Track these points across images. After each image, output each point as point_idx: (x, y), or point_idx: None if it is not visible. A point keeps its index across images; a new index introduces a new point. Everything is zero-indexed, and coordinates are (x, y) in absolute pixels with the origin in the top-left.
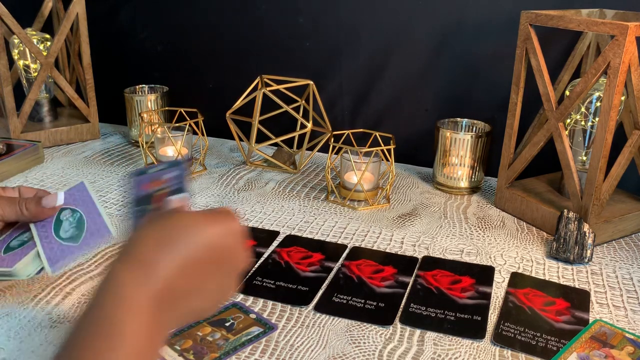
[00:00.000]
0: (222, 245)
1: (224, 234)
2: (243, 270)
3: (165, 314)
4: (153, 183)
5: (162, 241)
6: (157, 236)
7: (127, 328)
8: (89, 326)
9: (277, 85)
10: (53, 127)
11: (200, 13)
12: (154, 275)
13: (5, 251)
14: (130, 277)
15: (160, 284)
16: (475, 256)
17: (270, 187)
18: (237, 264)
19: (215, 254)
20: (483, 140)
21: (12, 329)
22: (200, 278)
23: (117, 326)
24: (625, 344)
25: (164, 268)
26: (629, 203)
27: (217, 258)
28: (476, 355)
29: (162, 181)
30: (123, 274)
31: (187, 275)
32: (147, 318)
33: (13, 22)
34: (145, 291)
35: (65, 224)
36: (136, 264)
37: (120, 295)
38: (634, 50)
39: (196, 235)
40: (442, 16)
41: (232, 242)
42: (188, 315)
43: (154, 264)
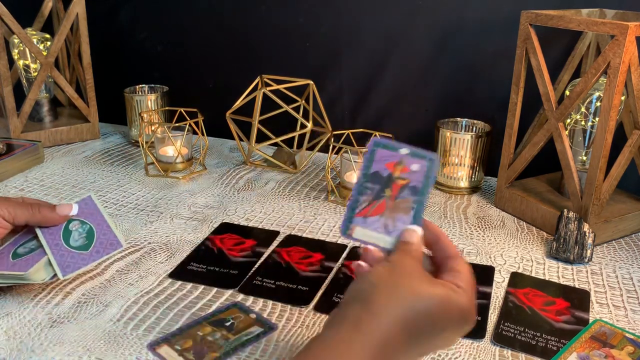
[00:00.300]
0: (450, 311)
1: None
2: (471, 327)
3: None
4: (398, 166)
5: (393, 299)
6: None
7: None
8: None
9: (277, 85)
10: (53, 127)
11: (201, 13)
12: (376, 331)
13: (13, 257)
14: (351, 333)
15: (381, 338)
16: (475, 256)
17: (270, 187)
18: (465, 325)
19: (440, 318)
20: (483, 140)
21: (12, 329)
22: (421, 337)
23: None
24: (625, 344)
25: (387, 324)
26: (629, 203)
27: (442, 321)
28: (476, 355)
29: (406, 169)
30: (344, 331)
31: (410, 334)
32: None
33: (13, 22)
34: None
35: (74, 233)
36: (359, 322)
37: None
38: (634, 50)
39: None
40: (442, 16)
41: (461, 311)
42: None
43: (377, 322)
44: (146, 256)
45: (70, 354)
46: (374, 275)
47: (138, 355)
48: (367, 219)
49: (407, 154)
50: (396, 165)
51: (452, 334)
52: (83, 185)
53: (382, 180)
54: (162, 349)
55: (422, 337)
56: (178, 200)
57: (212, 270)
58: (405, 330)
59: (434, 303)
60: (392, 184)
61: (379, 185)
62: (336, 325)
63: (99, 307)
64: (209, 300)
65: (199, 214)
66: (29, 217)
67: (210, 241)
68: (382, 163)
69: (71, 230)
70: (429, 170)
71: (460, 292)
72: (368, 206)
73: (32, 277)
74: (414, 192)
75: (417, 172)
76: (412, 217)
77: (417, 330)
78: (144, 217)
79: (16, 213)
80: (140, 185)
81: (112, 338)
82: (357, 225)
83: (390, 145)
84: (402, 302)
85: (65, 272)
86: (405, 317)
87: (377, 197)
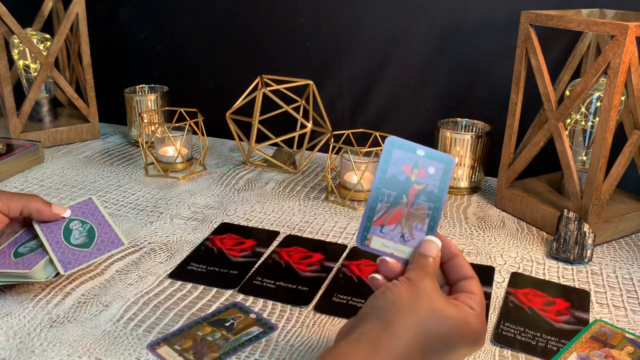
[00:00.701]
0: (465, 334)
1: (469, 327)
2: (481, 347)
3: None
4: (415, 169)
5: (414, 324)
6: (410, 322)
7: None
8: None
9: (277, 85)
10: (53, 127)
11: (201, 13)
12: (394, 355)
13: (15, 256)
14: (369, 352)
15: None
16: (476, 256)
17: (270, 187)
18: (476, 346)
19: (455, 340)
20: (483, 140)
21: (12, 329)
22: (436, 358)
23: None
24: (625, 344)
25: (405, 349)
26: (629, 203)
27: (457, 342)
28: (476, 355)
29: (423, 172)
30: (362, 349)
31: (426, 357)
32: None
33: (13, 22)
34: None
35: (75, 232)
36: (378, 343)
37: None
38: (634, 50)
39: (443, 324)
40: (442, 16)
41: (475, 333)
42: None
43: (397, 346)
44: (146, 256)
45: (70, 354)
46: (395, 295)
47: (138, 356)
48: (384, 227)
49: (424, 155)
50: (413, 169)
51: (463, 353)
52: (83, 185)
53: (399, 186)
54: (162, 349)
55: (436, 356)
56: (178, 201)
57: (212, 270)
58: (421, 351)
59: (449, 325)
60: (409, 189)
61: (396, 191)
62: (353, 341)
63: (99, 307)
64: (209, 300)
65: (199, 214)
66: (23, 206)
67: (210, 241)
68: (398, 166)
69: (72, 229)
70: (445, 174)
71: (473, 314)
72: (385, 214)
73: (35, 276)
74: (430, 197)
75: (433, 175)
76: (427, 225)
77: (431, 351)
78: (144, 217)
79: (10, 203)
80: (140, 185)
81: (112, 338)
82: (374, 235)
83: (406, 146)
84: (421, 323)
85: (66, 268)
86: (422, 338)
87: (394, 205)
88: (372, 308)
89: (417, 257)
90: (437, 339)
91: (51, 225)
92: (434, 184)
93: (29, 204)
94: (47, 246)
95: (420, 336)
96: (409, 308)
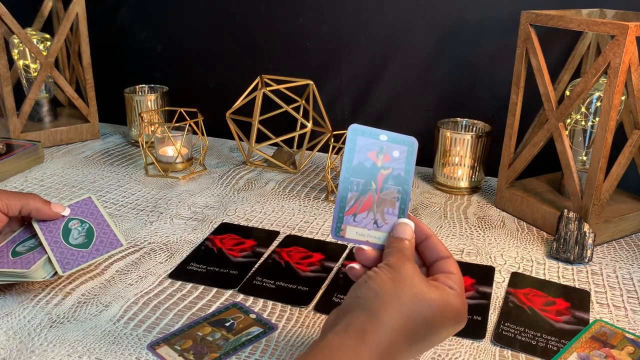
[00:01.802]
0: (447, 315)
1: (451, 308)
2: (463, 326)
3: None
4: (380, 155)
5: (398, 312)
6: (394, 310)
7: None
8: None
9: (277, 85)
10: (53, 127)
11: (200, 13)
12: (380, 344)
13: (13, 255)
14: (355, 342)
15: (384, 350)
16: (476, 256)
17: (270, 187)
18: (458, 325)
19: (439, 322)
20: (483, 140)
21: (12, 329)
22: (421, 341)
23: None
24: (625, 344)
25: (391, 337)
26: (629, 203)
27: (440, 324)
28: (476, 355)
29: (388, 157)
30: (348, 339)
31: (412, 342)
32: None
33: (13, 22)
34: None
35: (74, 232)
36: (364, 333)
37: None
38: (634, 50)
39: (426, 307)
40: (442, 16)
41: (457, 313)
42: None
43: (383, 334)
44: (146, 256)
45: (70, 354)
46: (377, 283)
47: (138, 356)
48: (357, 216)
49: (387, 140)
50: (378, 155)
51: (447, 333)
52: (83, 185)
53: (366, 173)
54: (162, 349)
55: (421, 340)
56: (178, 201)
57: (212, 270)
58: (407, 336)
59: (432, 307)
60: (377, 175)
61: (364, 179)
62: (340, 332)
63: (99, 307)
64: (209, 300)
65: (199, 214)
66: (22, 205)
67: (210, 241)
68: (364, 153)
69: (70, 228)
70: (409, 156)
71: (454, 294)
72: (356, 203)
73: (33, 275)
74: (397, 181)
75: (398, 159)
76: (399, 208)
77: (416, 334)
78: (144, 217)
79: (9, 202)
80: (140, 185)
81: (112, 338)
82: (348, 225)
83: (368, 132)
84: (405, 309)
85: (65, 269)
86: (407, 324)
87: (364, 192)
88: (356, 298)
89: (392, 241)
90: (421, 322)
91: (50, 224)
92: (399, 167)
93: (28, 202)
94: (45, 246)
95: (405, 322)
96: (392, 295)
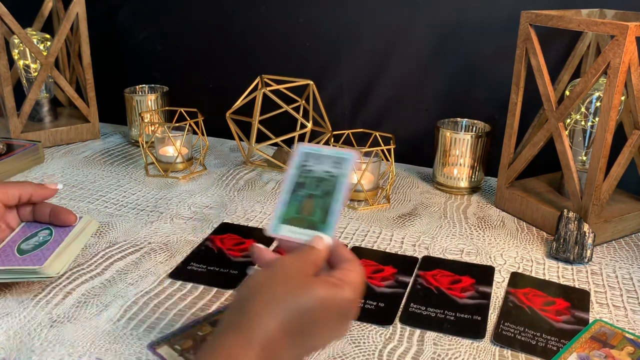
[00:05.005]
0: (330, 308)
1: (335, 300)
2: (353, 319)
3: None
4: None
5: (269, 303)
6: (264, 301)
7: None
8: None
9: (277, 85)
10: (53, 127)
11: (201, 13)
12: (256, 337)
13: (20, 253)
14: (234, 340)
15: (262, 342)
16: (475, 256)
17: (270, 187)
18: (347, 318)
19: (321, 315)
20: (483, 140)
21: (12, 329)
22: (305, 335)
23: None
24: (625, 344)
25: (265, 329)
26: (629, 203)
27: (324, 317)
28: (476, 355)
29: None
30: (228, 338)
31: (292, 334)
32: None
33: (13, 22)
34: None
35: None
36: (238, 329)
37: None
38: (634, 50)
39: (303, 299)
40: (442, 16)
41: (342, 305)
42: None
43: (256, 327)
44: (146, 256)
45: (70, 354)
46: (252, 280)
47: (138, 356)
48: None
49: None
50: None
51: (334, 327)
52: (83, 185)
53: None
54: (162, 349)
55: (305, 336)
56: (178, 200)
57: (212, 270)
58: (287, 332)
59: (311, 302)
60: None
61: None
62: (218, 332)
63: (99, 307)
64: (209, 300)
65: (199, 214)
66: (21, 191)
67: (210, 241)
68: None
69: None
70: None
71: (341, 285)
72: None
73: (46, 271)
74: None
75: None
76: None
77: (298, 330)
78: (144, 217)
79: (7, 189)
80: (140, 185)
81: (112, 338)
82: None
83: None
84: (280, 305)
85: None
86: (285, 320)
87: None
88: (236, 298)
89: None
90: (302, 318)
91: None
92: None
93: (25, 187)
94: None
95: (283, 318)
96: (264, 288)
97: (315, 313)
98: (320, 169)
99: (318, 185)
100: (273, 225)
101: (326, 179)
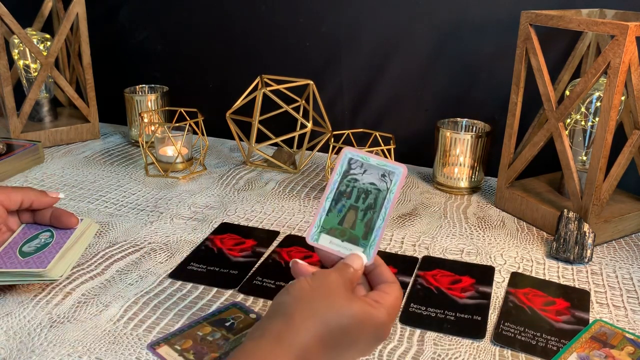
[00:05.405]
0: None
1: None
2: (384, 340)
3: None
4: None
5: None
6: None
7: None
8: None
9: (277, 85)
10: (53, 127)
11: (201, 13)
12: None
13: (22, 256)
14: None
15: (299, 353)
16: (475, 256)
17: (270, 187)
18: (377, 340)
19: (355, 333)
20: (483, 140)
21: (12, 329)
22: (337, 350)
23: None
24: (625, 344)
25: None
26: (629, 203)
27: (357, 335)
28: (476, 355)
29: None
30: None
31: (327, 348)
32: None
33: (13, 22)
34: None
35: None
36: (277, 337)
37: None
38: (634, 50)
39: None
40: (442, 16)
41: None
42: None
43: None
44: (146, 256)
45: (70, 354)
46: (296, 289)
47: (138, 356)
48: None
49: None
50: None
51: (366, 345)
52: (83, 185)
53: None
54: (162, 349)
55: (339, 349)
56: (178, 200)
57: (212, 270)
58: (323, 343)
59: (349, 319)
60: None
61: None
62: (257, 338)
63: (99, 307)
64: (209, 300)
65: (199, 214)
66: (23, 196)
67: (210, 241)
68: None
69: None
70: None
71: (377, 307)
72: None
73: (49, 274)
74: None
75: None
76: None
77: (333, 343)
78: (144, 217)
79: (9, 194)
80: (140, 185)
81: (112, 338)
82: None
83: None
84: (319, 315)
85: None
86: (323, 332)
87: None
88: (276, 305)
89: (339, 263)
90: (338, 332)
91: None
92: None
93: (28, 193)
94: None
95: (321, 330)
96: (307, 300)
97: (350, 330)
98: (366, 180)
99: (362, 197)
100: (313, 233)
101: (371, 192)
